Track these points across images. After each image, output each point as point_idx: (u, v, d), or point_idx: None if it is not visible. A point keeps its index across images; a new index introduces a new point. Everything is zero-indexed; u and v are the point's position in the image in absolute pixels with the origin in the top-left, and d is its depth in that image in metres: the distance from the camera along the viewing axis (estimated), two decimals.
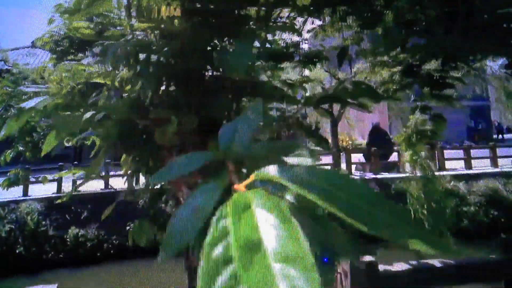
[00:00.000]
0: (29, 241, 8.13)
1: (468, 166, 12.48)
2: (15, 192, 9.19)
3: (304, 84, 2.78)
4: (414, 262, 3.65)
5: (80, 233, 8.55)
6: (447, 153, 13.15)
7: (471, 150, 12.81)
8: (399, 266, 3.51)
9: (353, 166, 12.89)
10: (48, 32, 2.62)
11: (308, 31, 3.09)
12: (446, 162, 12.53)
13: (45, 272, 7.94)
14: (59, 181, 9.47)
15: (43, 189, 9.49)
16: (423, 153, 4.19)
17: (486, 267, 3.67)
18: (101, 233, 8.72)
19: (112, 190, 9.76)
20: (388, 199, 0.41)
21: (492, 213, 10.51)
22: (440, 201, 3.95)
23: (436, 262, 3.55)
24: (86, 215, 8.92)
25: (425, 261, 3.64)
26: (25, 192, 9.15)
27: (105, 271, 8.25)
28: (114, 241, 8.74)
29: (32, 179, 7.92)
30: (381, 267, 3.39)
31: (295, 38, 2.88)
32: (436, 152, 12.77)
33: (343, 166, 11.83)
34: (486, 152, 12.95)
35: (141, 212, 9.41)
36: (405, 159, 4.09)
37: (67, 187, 9.59)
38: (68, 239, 8.43)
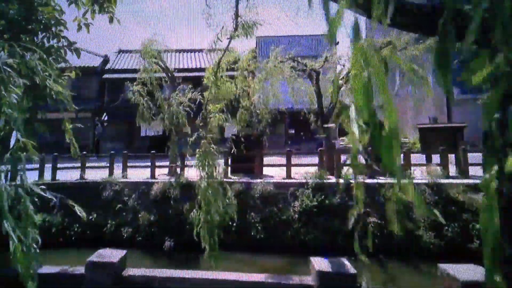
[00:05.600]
0: None
1: None
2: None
3: None
4: None
5: (46, 218, 9.11)
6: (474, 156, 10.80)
7: None
8: None
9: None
10: None
11: None
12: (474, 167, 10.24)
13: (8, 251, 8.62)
14: (41, 169, 10.32)
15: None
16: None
17: None
18: (65, 220, 9.18)
19: (84, 181, 10.28)
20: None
21: None
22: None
23: None
24: (55, 202, 9.49)
25: None
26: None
27: (62, 257, 8.61)
28: (76, 229, 9.12)
29: None
30: None
31: None
32: (457, 155, 10.59)
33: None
34: None
35: (104, 203, 9.68)
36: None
37: (47, 176, 10.41)
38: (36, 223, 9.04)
